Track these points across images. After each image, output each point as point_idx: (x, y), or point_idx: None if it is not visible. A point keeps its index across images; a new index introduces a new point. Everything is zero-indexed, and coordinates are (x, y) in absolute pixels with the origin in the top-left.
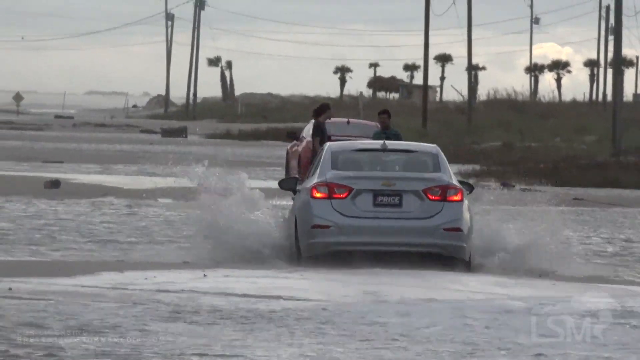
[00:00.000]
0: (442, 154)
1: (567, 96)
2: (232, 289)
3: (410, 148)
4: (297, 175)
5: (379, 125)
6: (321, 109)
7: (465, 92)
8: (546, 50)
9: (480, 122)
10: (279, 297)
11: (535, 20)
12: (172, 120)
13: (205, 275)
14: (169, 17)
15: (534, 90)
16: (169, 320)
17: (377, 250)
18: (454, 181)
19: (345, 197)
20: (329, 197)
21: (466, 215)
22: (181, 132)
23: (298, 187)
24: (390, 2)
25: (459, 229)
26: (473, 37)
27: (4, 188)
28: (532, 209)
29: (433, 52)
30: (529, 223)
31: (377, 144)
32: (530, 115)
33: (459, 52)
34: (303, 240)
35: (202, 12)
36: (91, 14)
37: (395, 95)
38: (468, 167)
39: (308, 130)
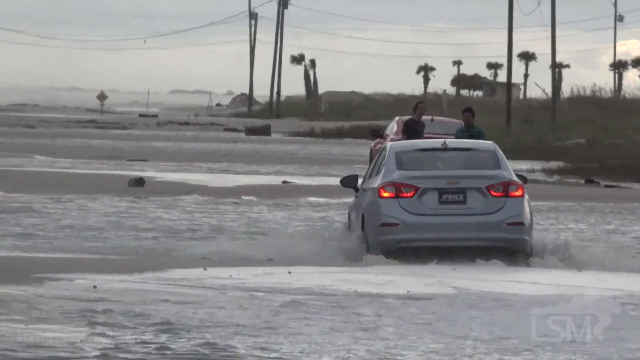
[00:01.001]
0: (500, 151)
1: None
2: (318, 286)
3: (469, 146)
4: None
5: (463, 123)
6: (414, 106)
7: (549, 89)
8: (629, 48)
9: (564, 119)
10: (364, 294)
11: (619, 18)
12: (255, 118)
13: (290, 272)
14: (252, 16)
15: (618, 87)
16: (255, 318)
17: (443, 246)
18: (514, 177)
19: (412, 196)
20: (397, 196)
21: (527, 209)
22: (265, 131)
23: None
24: (474, 1)
25: (521, 223)
26: (556, 34)
27: (89, 186)
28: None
29: (516, 49)
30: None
31: (437, 142)
32: (614, 112)
33: (542, 50)
34: (372, 237)
35: (286, 11)
36: (175, 13)
37: (478, 93)
38: (552, 164)
39: (392, 127)
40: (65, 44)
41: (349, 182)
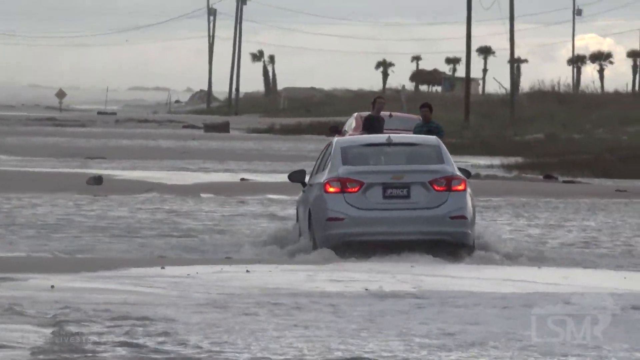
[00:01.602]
0: (444, 146)
1: (609, 87)
2: (276, 283)
3: (413, 141)
4: None
5: (421, 119)
6: (373, 102)
7: (507, 84)
8: (587, 42)
9: (523, 114)
10: (320, 292)
11: (577, 12)
12: (214, 115)
13: (248, 271)
14: (212, 12)
15: (577, 82)
16: (215, 312)
17: (388, 240)
18: (457, 171)
19: (357, 191)
20: (342, 191)
21: (469, 203)
22: (224, 127)
23: (307, 180)
24: None
25: (464, 217)
26: (515, 28)
27: (46, 185)
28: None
29: (475, 44)
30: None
31: (382, 138)
32: (573, 107)
33: (500, 45)
34: (318, 232)
35: (244, 7)
36: (134, 9)
37: (437, 88)
38: (511, 160)
39: (350, 124)
40: (24, 40)
41: (297, 176)
